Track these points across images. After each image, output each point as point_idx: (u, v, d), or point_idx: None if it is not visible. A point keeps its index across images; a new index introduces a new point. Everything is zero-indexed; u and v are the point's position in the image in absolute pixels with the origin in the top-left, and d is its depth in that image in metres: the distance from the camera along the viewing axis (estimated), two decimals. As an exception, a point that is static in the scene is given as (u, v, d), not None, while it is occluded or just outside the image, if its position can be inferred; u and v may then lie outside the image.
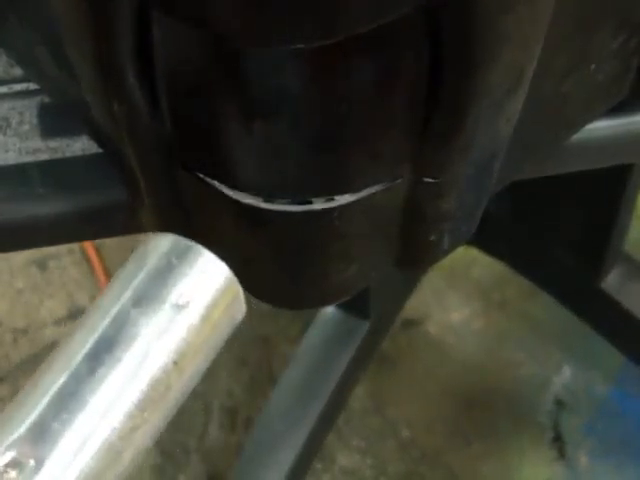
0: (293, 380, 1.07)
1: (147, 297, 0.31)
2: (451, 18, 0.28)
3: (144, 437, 0.30)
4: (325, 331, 1.08)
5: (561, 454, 1.12)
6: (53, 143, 0.42)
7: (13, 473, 0.28)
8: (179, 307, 0.31)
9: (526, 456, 1.11)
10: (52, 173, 0.42)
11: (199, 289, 0.31)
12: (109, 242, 1.26)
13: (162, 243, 0.32)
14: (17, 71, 0.44)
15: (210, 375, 1.20)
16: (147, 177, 0.36)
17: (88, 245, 1.25)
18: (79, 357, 0.30)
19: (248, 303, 0.33)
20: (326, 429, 1.09)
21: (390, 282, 1.08)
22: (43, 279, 1.25)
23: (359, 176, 0.33)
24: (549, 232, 1.02)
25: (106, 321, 0.31)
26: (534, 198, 0.99)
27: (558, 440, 1.12)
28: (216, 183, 0.34)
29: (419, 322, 1.20)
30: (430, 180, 0.34)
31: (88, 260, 1.25)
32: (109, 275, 1.24)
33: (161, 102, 0.32)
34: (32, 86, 0.43)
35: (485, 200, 0.40)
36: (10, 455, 0.28)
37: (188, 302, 0.31)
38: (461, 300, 1.21)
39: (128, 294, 0.31)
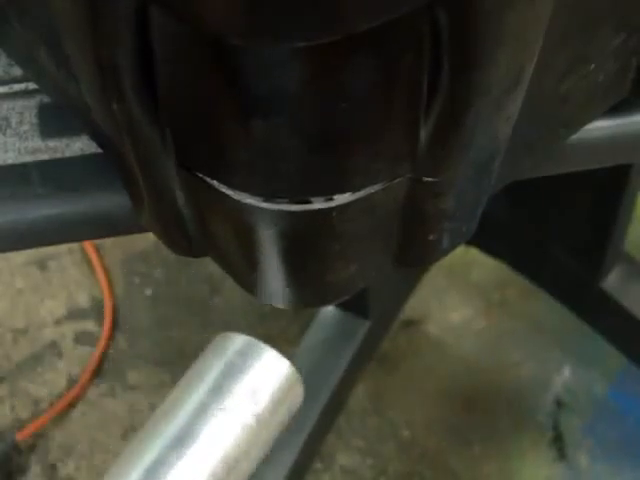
0: (293, 380, 1.07)
1: (222, 392, 0.37)
2: (450, 17, 0.28)
3: None
4: (325, 331, 1.08)
5: (561, 454, 1.12)
6: (53, 143, 0.42)
7: None
8: (250, 402, 0.37)
9: (526, 456, 1.11)
10: (52, 173, 0.42)
11: (267, 385, 0.38)
12: (109, 242, 1.26)
13: (235, 341, 0.38)
14: (17, 71, 0.44)
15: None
16: (146, 177, 0.36)
17: (88, 245, 1.25)
18: (162, 443, 0.36)
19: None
20: (326, 429, 1.09)
21: (390, 282, 1.08)
22: (43, 279, 1.25)
23: (358, 175, 0.33)
24: (549, 232, 1.02)
25: (190, 412, 0.37)
26: (534, 198, 0.99)
27: (558, 440, 1.12)
28: (215, 183, 0.34)
29: (419, 322, 1.20)
30: (429, 179, 0.34)
31: (88, 260, 1.25)
32: (109, 275, 1.24)
33: (160, 102, 0.32)
34: (32, 86, 0.43)
35: (485, 200, 0.40)
36: None
37: (258, 398, 0.37)
38: (461, 300, 1.21)
39: (207, 389, 0.37)
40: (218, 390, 0.36)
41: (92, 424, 1.15)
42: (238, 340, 0.38)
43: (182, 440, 0.36)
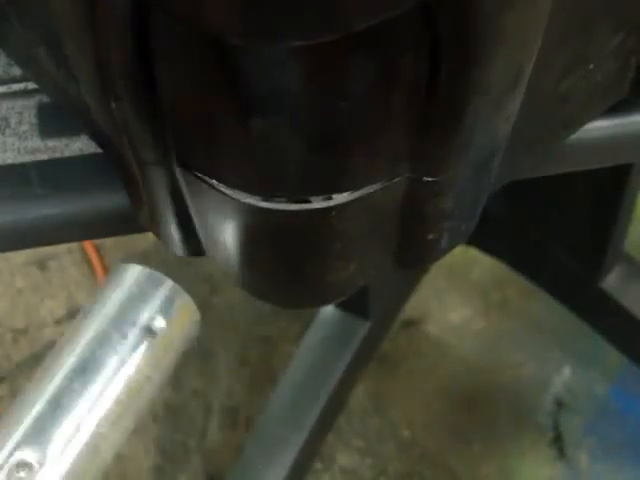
0: (293, 380, 1.07)
1: (123, 321, 0.39)
2: (450, 16, 0.28)
3: (120, 434, 0.38)
4: (325, 331, 1.08)
5: (561, 454, 1.12)
6: (52, 143, 0.42)
7: (22, 473, 0.36)
8: (149, 330, 0.39)
9: (526, 456, 1.11)
10: (51, 173, 0.42)
11: (165, 314, 0.40)
12: (109, 242, 1.26)
13: (134, 272, 0.40)
14: (16, 71, 0.44)
15: (210, 375, 1.21)
16: (146, 177, 0.36)
17: (88, 245, 1.25)
18: (67, 370, 0.38)
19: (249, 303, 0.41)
20: (326, 429, 1.09)
21: (390, 282, 1.08)
22: (43, 279, 1.25)
23: (357, 175, 0.33)
24: (549, 232, 1.02)
25: (90, 341, 0.39)
26: (534, 198, 0.99)
27: (558, 440, 1.12)
28: (214, 182, 0.34)
29: (419, 322, 1.20)
30: (429, 179, 0.34)
31: (88, 260, 1.25)
32: (109, 275, 1.24)
33: (159, 101, 0.32)
34: (31, 86, 0.43)
35: (484, 199, 0.40)
36: (19, 456, 0.36)
37: (157, 325, 0.39)
38: (461, 300, 1.21)
39: (108, 319, 0.39)
40: (117, 319, 0.39)
41: (92, 424, 1.14)
42: (136, 270, 0.40)
43: (85, 369, 0.38)
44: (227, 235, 0.38)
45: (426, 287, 1.19)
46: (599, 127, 0.44)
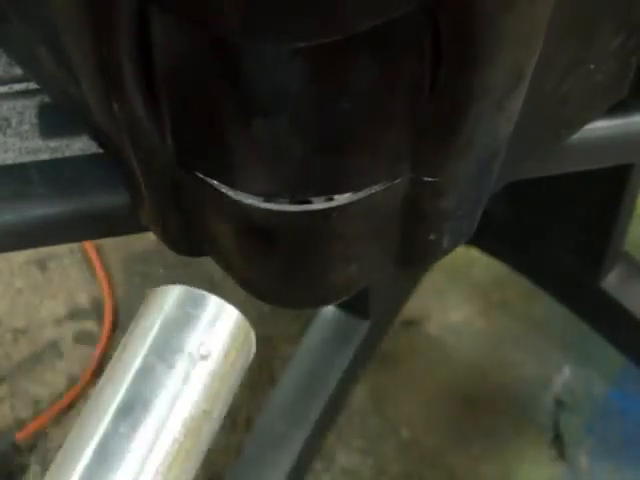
0: (293, 380, 1.07)
1: (168, 349, 0.33)
2: (451, 17, 0.28)
3: None
4: (325, 331, 1.08)
5: (561, 454, 1.12)
6: (53, 143, 0.42)
7: None
8: (200, 356, 0.33)
9: (526, 456, 1.11)
10: (52, 173, 0.42)
11: (215, 336, 0.34)
12: (109, 242, 1.26)
13: (173, 294, 0.34)
14: (17, 71, 0.44)
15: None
16: (147, 177, 0.36)
17: (88, 245, 1.25)
18: (111, 414, 0.32)
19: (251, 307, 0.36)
20: (326, 429, 1.09)
21: (390, 282, 1.08)
22: (43, 279, 1.25)
23: (359, 176, 0.33)
24: (549, 232, 1.02)
25: (132, 376, 0.33)
26: (534, 198, 0.99)
27: (558, 440, 1.12)
28: (215, 183, 0.34)
29: (419, 322, 1.20)
30: (430, 179, 0.34)
31: (88, 260, 1.25)
32: (109, 275, 1.24)
33: (160, 101, 0.32)
34: (32, 86, 0.43)
35: (485, 199, 0.40)
36: None
37: (208, 350, 0.33)
38: (461, 300, 1.21)
39: (150, 347, 0.33)
40: (159, 348, 0.33)
41: (92, 424, 1.14)
42: (176, 292, 0.34)
43: (132, 409, 0.32)
44: (228, 235, 0.38)
45: (426, 287, 1.19)
46: (600, 127, 0.44)
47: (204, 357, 0.33)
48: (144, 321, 0.34)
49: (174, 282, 0.35)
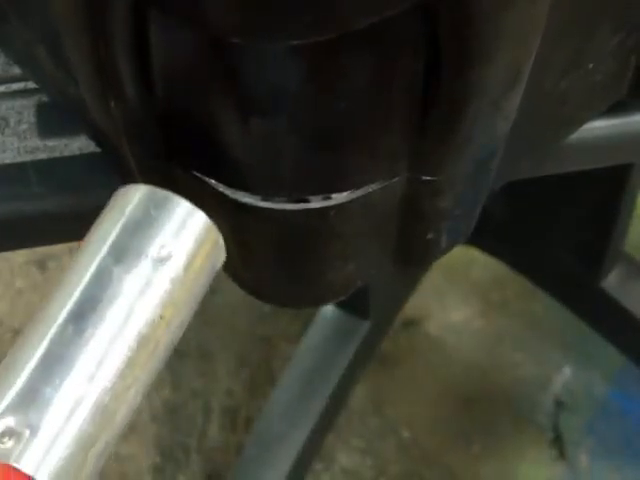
0: (293, 380, 1.07)
1: (128, 251, 0.30)
2: (448, 15, 0.28)
3: (135, 395, 0.30)
4: (325, 331, 1.08)
5: (561, 454, 1.11)
6: (51, 142, 0.42)
7: (10, 442, 0.27)
8: (161, 260, 0.30)
9: (526, 456, 1.11)
10: (50, 172, 0.42)
11: (179, 239, 0.31)
12: (109, 242, 1.26)
13: (137, 194, 0.31)
14: (15, 70, 0.44)
15: (210, 375, 1.20)
16: (144, 176, 0.36)
17: (88, 245, 1.25)
18: (63, 318, 0.29)
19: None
20: (326, 429, 1.09)
21: (390, 282, 1.08)
22: (43, 279, 1.25)
23: (356, 174, 0.33)
24: (549, 232, 1.02)
25: (88, 279, 0.30)
26: (534, 198, 0.99)
27: (558, 440, 1.12)
28: (213, 182, 0.34)
29: (419, 322, 1.20)
30: (428, 178, 0.34)
31: (88, 260, 1.25)
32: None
33: (158, 100, 0.32)
34: (30, 85, 0.43)
35: (483, 198, 0.40)
36: (4, 424, 0.28)
37: (170, 254, 0.30)
38: (461, 300, 1.21)
39: (108, 249, 0.30)
40: (117, 250, 0.30)
41: (92, 424, 1.14)
42: (140, 192, 0.31)
43: (82, 314, 0.29)
44: (226, 235, 0.37)
45: (426, 287, 1.19)
46: (599, 127, 0.44)
47: (165, 261, 0.30)
48: (104, 223, 0.31)
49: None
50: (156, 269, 0.30)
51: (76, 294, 0.30)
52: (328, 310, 1.07)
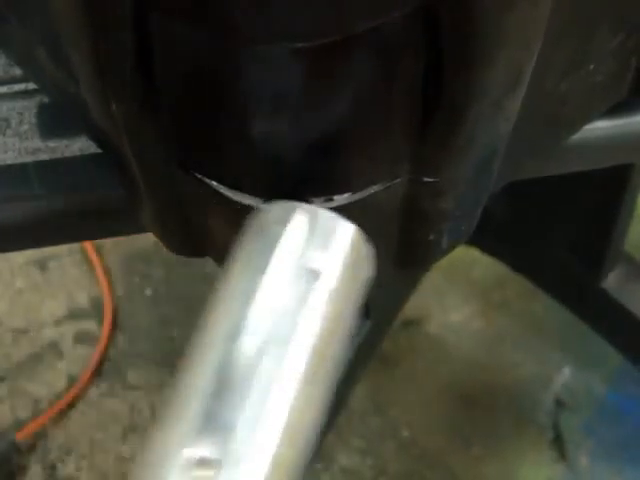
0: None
1: (281, 267, 0.29)
2: (450, 17, 0.28)
3: (317, 413, 0.29)
4: (325, 331, 1.08)
5: (561, 454, 1.12)
6: (52, 143, 0.42)
7: (210, 472, 0.26)
8: (315, 272, 0.29)
9: (526, 456, 1.11)
10: (51, 173, 0.42)
11: (330, 252, 0.30)
12: (109, 242, 1.26)
13: (279, 211, 0.30)
14: (16, 71, 0.44)
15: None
16: (146, 178, 0.36)
17: (88, 245, 1.25)
18: (231, 339, 0.28)
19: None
20: (326, 429, 1.09)
21: (390, 282, 1.08)
22: (43, 279, 1.25)
23: (358, 176, 0.33)
24: (549, 232, 1.02)
25: (246, 298, 0.29)
26: (534, 198, 0.99)
27: (558, 440, 1.12)
28: (215, 184, 0.34)
29: (419, 322, 1.20)
30: (429, 180, 0.34)
31: (88, 260, 1.25)
32: (109, 275, 1.24)
33: (159, 102, 0.32)
34: (31, 86, 0.43)
35: (484, 199, 0.40)
36: (198, 454, 0.26)
37: (322, 266, 0.29)
38: (461, 300, 1.21)
39: (261, 266, 0.29)
40: (275, 267, 0.29)
41: (92, 424, 1.15)
42: (281, 209, 0.30)
43: (251, 333, 0.28)
44: (227, 236, 0.37)
45: (426, 287, 1.19)
46: (599, 127, 0.44)
47: (319, 274, 0.29)
48: (248, 244, 0.30)
49: (174, 282, 0.32)
50: (312, 282, 0.29)
51: (233, 314, 0.29)
52: (328, 310, 1.07)
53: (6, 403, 1.16)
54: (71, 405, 1.15)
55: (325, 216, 0.30)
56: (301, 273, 0.29)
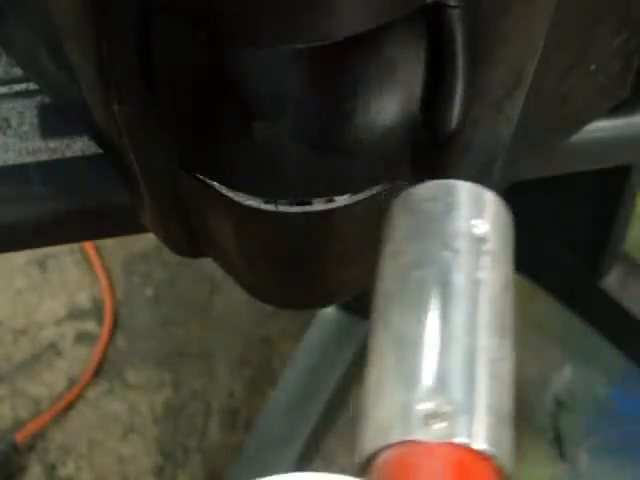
0: (293, 380, 1.07)
1: (449, 237, 0.31)
2: (451, 19, 0.28)
3: (510, 364, 0.32)
4: (325, 331, 1.08)
5: (561, 454, 1.11)
6: (53, 143, 0.42)
7: (442, 424, 0.28)
8: (478, 238, 0.32)
9: (526, 456, 1.11)
10: (52, 173, 0.42)
11: (485, 217, 0.32)
12: (109, 242, 1.26)
13: (423, 191, 0.31)
14: (17, 71, 0.44)
15: (210, 375, 1.20)
16: (147, 178, 0.36)
17: (88, 245, 1.25)
18: (427, 306, 0.30)
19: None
20: (326, 429, 1.09)
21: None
22: (43, 279, 1.25)
23: (359, 177, 0.33)
24: (549, 232, 1.02)
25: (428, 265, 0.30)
26: (534, 198, 0.99)
27: (558, 440, 1.12)
28: (216, 184, 0.34)
29: (419, 322, 1.20)
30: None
31: (88, 260, 1.25)
32: (109, 275, 1.24)
33: (161, 103, 0.32)
34: (32, 86, 0.43)
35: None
36: (426, 408, 0.28)
37: (482, 232, 0.32)
38: (461, 300, 1.21)
39: (428, 238, 0.31)
40: (439, 236, 0.31)
41: (92, 424, 1.14)
42: (422, 190, 0.31)
43: (442, 295, 0.30)
44: (228, 237, 0.37)
45: (426, 287, 1.18)
46: (600, 128, 0.44)
47: (481, 238, 0.32)
48: (402, 225, 0.31)
49: (174, 282, 0.33)
50: (479, 246, 0.32)
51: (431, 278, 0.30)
52: (328, 310, 1.07)
53: (6, 403, 1.16)
54: (71, 405, 1.15)
55: (474, 189, 0.32)
56: (469, 238, 0.31)
